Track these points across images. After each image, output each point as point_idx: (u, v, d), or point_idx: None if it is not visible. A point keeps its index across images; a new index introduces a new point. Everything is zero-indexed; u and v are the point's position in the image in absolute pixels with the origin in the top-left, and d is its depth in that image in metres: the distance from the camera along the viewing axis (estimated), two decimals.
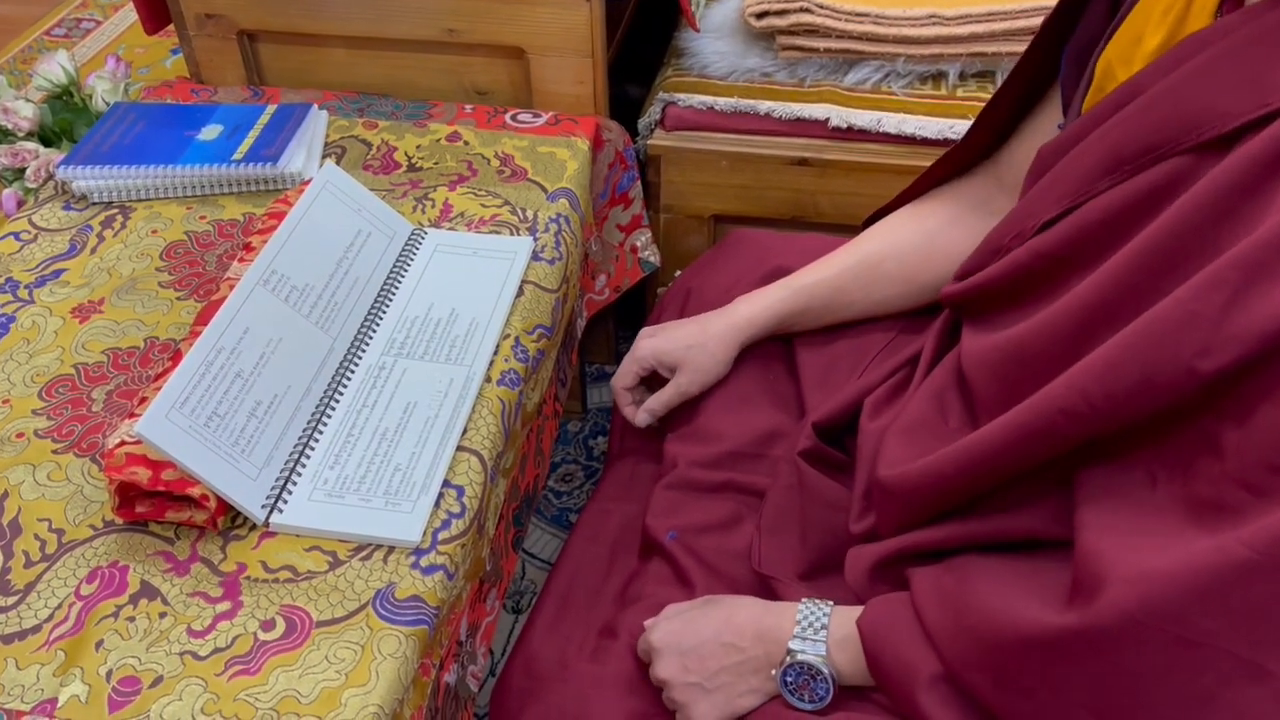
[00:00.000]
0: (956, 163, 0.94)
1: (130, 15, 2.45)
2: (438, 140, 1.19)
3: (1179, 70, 0.61)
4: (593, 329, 1.50)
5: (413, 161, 1.16)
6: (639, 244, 1.34)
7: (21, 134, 1.37)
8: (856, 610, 0.72)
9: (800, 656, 0.71)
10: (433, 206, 1.09)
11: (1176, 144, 0.59)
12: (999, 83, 1.30)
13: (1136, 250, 0.60)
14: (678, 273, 1.27)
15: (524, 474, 0.98)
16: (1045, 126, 0.84)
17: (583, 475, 1.47)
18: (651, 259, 1.35)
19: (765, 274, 1.09)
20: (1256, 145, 0.55)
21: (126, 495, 0.78)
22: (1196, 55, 0.60)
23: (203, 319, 0.91)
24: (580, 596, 0.90)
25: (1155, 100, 0.62)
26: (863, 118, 1.27)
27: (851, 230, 1.27)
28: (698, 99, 1.31)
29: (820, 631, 0.72)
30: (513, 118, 1.22)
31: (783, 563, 0.84)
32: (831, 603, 0.74)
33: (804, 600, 0.74)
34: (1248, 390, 0.53)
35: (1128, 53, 0.69)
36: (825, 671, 0.71)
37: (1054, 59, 0.81)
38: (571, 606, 0.89)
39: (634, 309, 1.52)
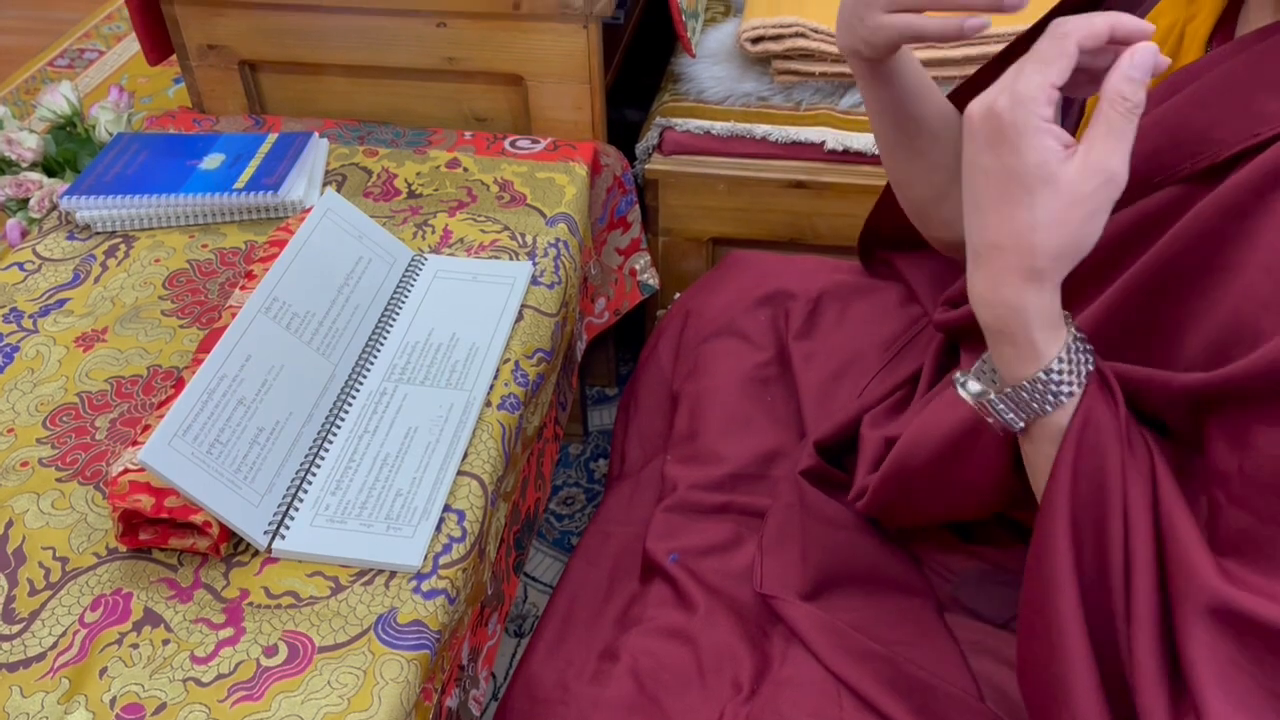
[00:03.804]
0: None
1: (133, 45, 2.48)
2: (437, 167, 1.20)
3: (1171, 101, 0.62)
4: (593, 352, 1.50)
5: (413, 188, 1.17)
6: (638, 267, 1.35)
7: (26, 165, 1.39)
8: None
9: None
10: (433, 232, 1.10)
11: (1170, 174, 0.60)
12: None
13: (1132, 279, 0.61)
14: (677, 295, 1.28)
15: (525, 498, 0.99)
16: None
17: (584, 498, 1.47)
18: (650, 282, 1.36)
19: (764, 296, 1.10)
20: (1247, 173, 0.55)
21: (130, 523, 0.78)
22: (1188, 86, 0.61)
23: (205, 347, 0.92)
24: (581, 620, 0.90)
25: (1148, 130, 0.63)
26: (858, 140, 1.28)
27: (849, 251, 1.28)
28: (695, 123, 1.32)
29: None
30: (512, 144, 1.23)
31: (785, 582, 0.85)
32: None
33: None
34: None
35: None
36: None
37: None
38: (572, 630, 0.89)
39: (634, 331, 1.53)
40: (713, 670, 0.80)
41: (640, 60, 1.52)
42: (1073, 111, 0.78)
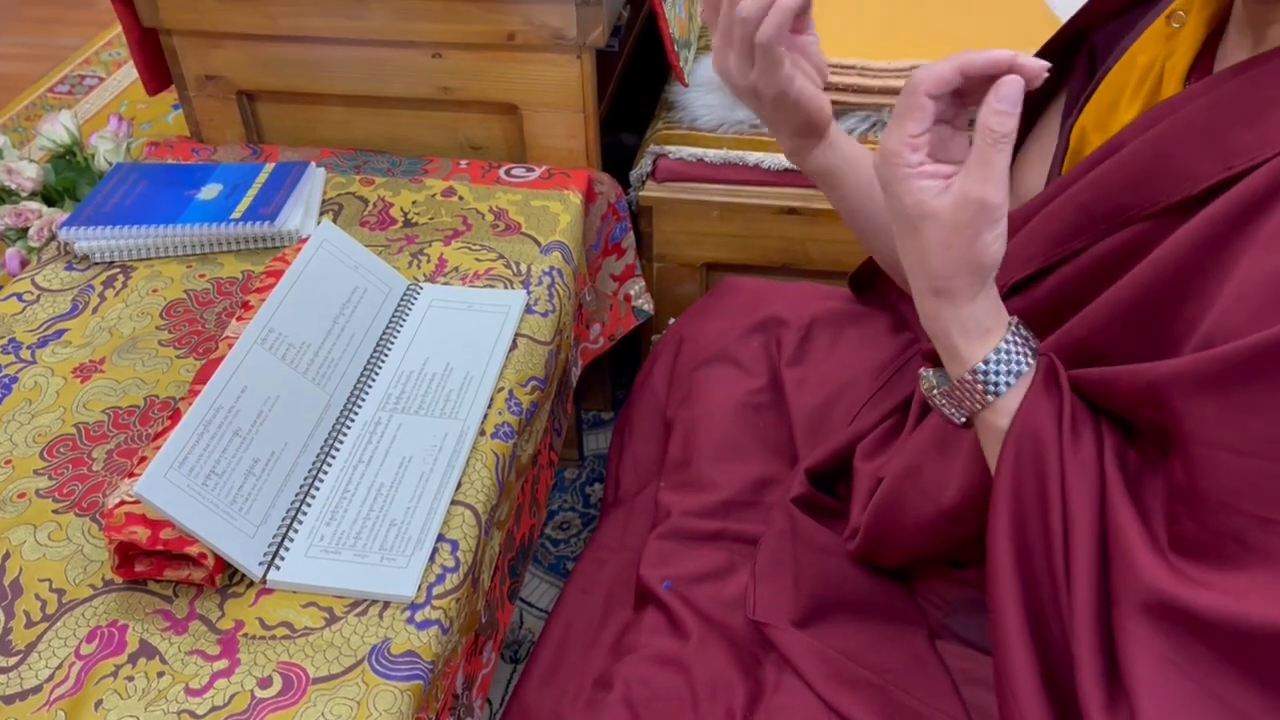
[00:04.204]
0: None
1: (133, 72, 2.49)
2: (433, 195, 1.21)
3: (1149, 134, 0.63)
4: (588, 376, 1.51)
5: (408, 217, 1.18)
6: (632, 293, 1.35)
7: (25, 194, 1.40)
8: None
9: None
10: (428, 261, 1.11)
11: (1149, 206, 0.61)
12: None
13: (1106, 306, 0.62)
14: (671, 320, 1.29)
15: (519, 525, 0.99)
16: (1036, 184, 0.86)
17: (580, 523, 1.48)
18: (645, 307, 1.37)
19: (757, 322, 1.11)
20: (1220, 205, 0.57)
21: (126, 555, 0.79)
22: (1165, 120, 0.62)
23: (202, 378, 0.93)
24: (575, 648, 0.90)
25: (1125, 162, 0.64)
26: None
27: (842, 277, 1.29)
28: (688, 151, 1.33)
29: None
30: (507, 172, 1.25)
31: (777, 609, 0.85)
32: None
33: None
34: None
35: (1103, 120, 0.72)
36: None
37: (1032, 118, 0.84)
38: (566, 658, 0.89)
39: (629, 356, 1.54)
40: (706, 698, 0.80)
41: (635, 85, 1.54)
42: (1073, 115, 0.79)
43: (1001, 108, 0.54)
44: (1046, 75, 0.55)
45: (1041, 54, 0.80)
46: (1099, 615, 0.56)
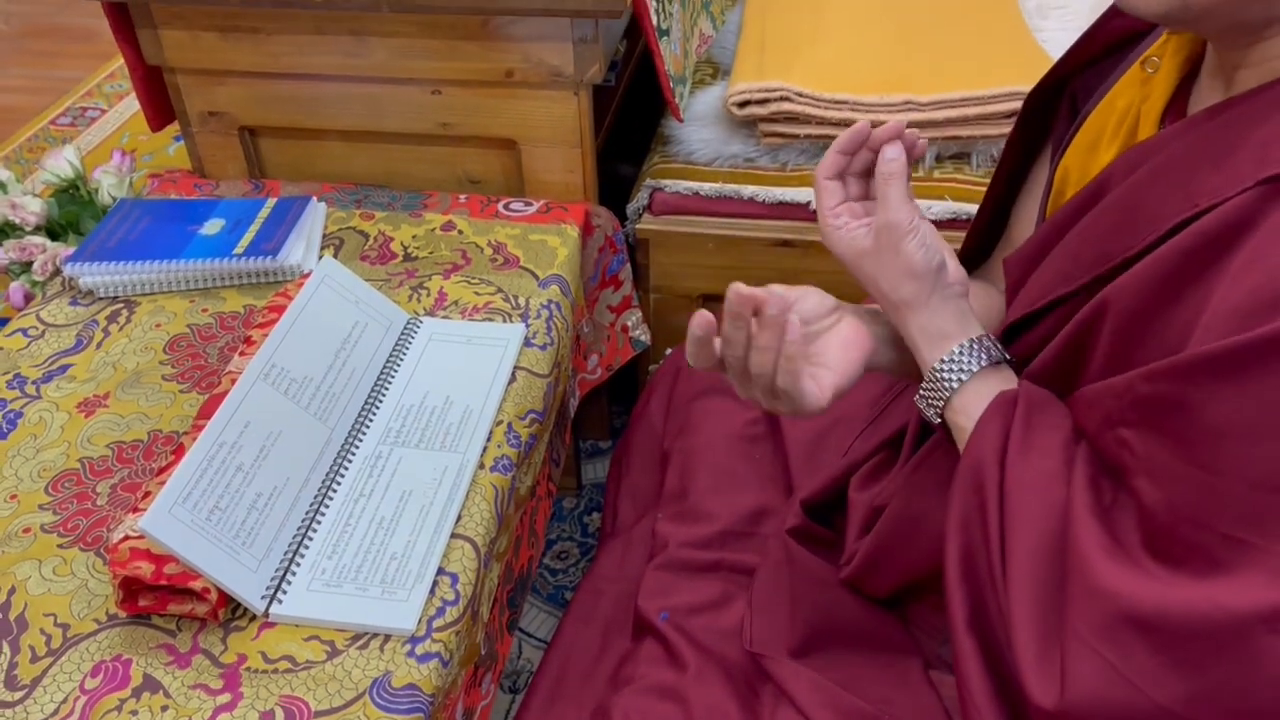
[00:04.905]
0: (967, 252, 0.96)
1: (134, 104, 2.52)
2: (433, 230, 1.23)
3: (1129, 180, 0.65)
4: (586, 406, 1.52)
5: (408, 251, 1.20)
6: (630, 324, 1.37)
7: (29, 228, 1.42)
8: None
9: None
10: (428, 295, 1.13)
11: (1127, 249, 0.63)
12: (975, 164, 1.36)
13: (1081, 334, 0.65)
14: (668, 350, 1.31)
15: (518, 556, 1.00)
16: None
17: (578, 552, 1.49)
18: (642, 338, 1.38)
19: None
20: (1183, 238, 0.59)
21: (130, 589, 0.80)
22: (1142, 165, 0.64)
23: (205, 413, 0.94)
24: (573, 679, 0.91)
25: (1108, 210, 0.66)
26: None
27: None
28: (684, 184, 1.35)
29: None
30: (505, 206, 1.26)
31: (774, 640, 0.86)
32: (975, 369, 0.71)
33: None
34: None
35: (1083, 161, 0.74)
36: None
37: (1026, 163, 0.86)
38: (564, 689, 0.90)
39: (627, 384, 1.55)
40: None
41: (632, 118, 1.56)
42: (1056, 157, 0.81)
43: (884, 168, 0.71)
44: (905, 129, 0.71)
45: (1027, 101, 0.82)
46: (1038, 616, 0.61)
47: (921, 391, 0.73)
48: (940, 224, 1.29)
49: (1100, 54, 0.77)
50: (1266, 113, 0.58)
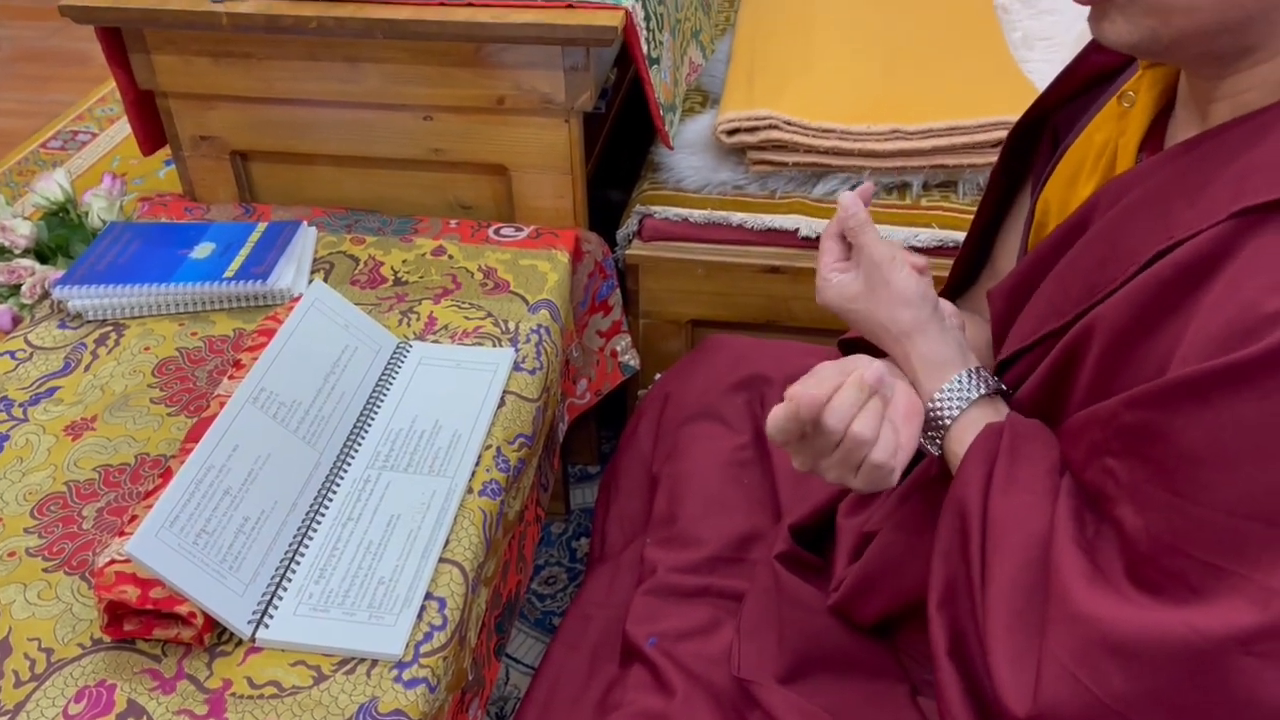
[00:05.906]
0: (954, 280, 0.97)
1: (126, 128, 2.53)
2: (423, 254, 1.23)
3: (1110, 214, 0.66)
4: (575, 430, 1.52)
5: (399, 275, 1.20)
6: (619, 348, 1.38)
7: (18, 251, 1.41)
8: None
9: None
10: (418, 319, 1.13)
11: (1106, 285, 0.64)
12: (961, 192, 1.37)
13: (1062, 366, 0.66)
14: (657, 376, 1.31)
15: (505, 581, 1.00)
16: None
17: (566, 577, 1.48)
18: (631, 363, 1.39)
19: (741, 379, 1.13)
20: (1161, 269, 0.60)
21: (115, 613, 0.79)
22: (1121, 199, 0.65)
23: (193, 436, 0.94)
24: (561, 705, 0.91)
25: (1093, 244, 0.67)
26: None
27: (823, 333, 1.31)
28: (673, 211, 1.36)
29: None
30: (495, 231, 1.27)
31: (762, 666, 0.86)
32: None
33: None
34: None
35: (1063, 194, 0.75)
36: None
37: (1011, 194, 0.87)
38: (552, 715, 0.90)
39: (616, 409, 1.55)
40: None
41: (622, 144, 1.57)
42: (1037, 191, 0.82)
43: (849, 223, 0.76)
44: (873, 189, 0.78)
45: (1011, 136, 0.84)
46: (1016, 639, 0.62)
47: (924, 426, 0.73)
48: (927, 251, 1.30)
49: (1080, 89, 0.79)
50: (1239, 147, 0.60)
